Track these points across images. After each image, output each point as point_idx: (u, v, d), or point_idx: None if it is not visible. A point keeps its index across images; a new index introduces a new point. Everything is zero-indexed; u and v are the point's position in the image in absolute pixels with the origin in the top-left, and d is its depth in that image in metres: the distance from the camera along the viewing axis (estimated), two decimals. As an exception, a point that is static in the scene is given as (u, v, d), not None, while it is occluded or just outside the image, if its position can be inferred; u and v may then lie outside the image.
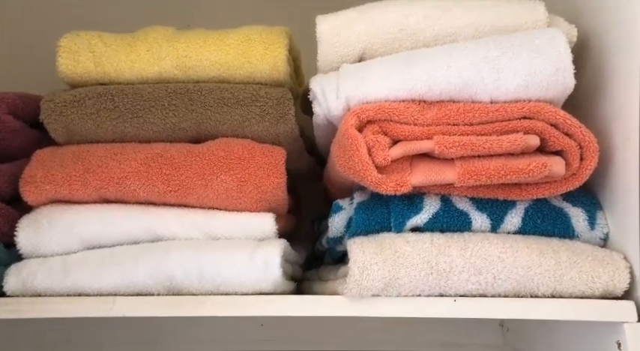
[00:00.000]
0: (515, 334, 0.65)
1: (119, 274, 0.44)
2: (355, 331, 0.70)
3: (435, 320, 0.69)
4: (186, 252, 0.45)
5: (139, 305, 0.43)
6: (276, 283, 0.45)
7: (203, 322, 0.71)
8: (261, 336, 0.70)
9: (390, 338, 0.69)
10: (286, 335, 0.70)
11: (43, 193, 0.46)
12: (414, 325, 0.69)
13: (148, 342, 0.70)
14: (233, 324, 0.71)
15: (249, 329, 0.71)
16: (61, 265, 0.44)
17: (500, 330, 0.68)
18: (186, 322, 0.71)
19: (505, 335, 0.67)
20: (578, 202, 0.45)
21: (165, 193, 0.47)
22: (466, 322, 0.69)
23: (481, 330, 0.69)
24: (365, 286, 0.42)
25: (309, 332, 0.70)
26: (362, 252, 0.43)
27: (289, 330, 0.70)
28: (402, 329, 0.69)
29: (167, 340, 0.71)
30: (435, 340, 0.69)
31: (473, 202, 0.45)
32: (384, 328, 0.70)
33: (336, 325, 0.70)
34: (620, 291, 0.41)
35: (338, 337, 0.70)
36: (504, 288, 0.42)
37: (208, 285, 0.45)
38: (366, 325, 0.70)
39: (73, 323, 0.69)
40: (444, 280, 0.42)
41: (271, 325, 0.71)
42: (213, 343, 0.71)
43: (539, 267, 0.42)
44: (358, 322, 0.70)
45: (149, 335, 0.70)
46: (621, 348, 0.40)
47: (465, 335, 0.69)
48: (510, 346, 0.66)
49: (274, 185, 0.48)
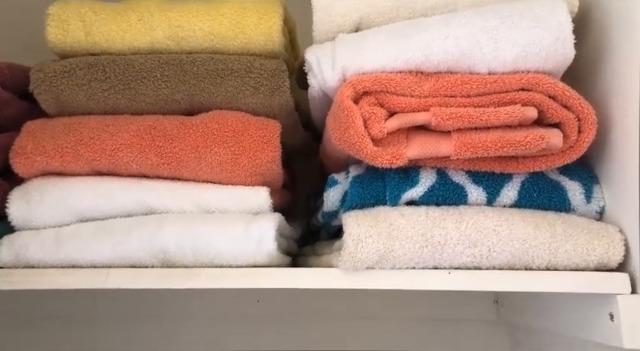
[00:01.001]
0: (509, 310, 0.65)
1: (112, 247, 0.44)
2: (349, 308, 0.70)
3: (429, 296, 0.69)
4: (180, 225, 0.45)
5: (132, 277, 0.43)
6: (271, 256, 0.45)
7: (199, 297, 0.71)
8: (257, 311, 0.71)
9: (384, 314, 0.70)
10: (282, 311, 0.71)
11: (34, 164, 0.45)
12: (408, 300, 0.70)
13: (143, 317, 0.71)
14: (228, 300, 0.71)
15: (244, 305, 0.71)
16: (53, 237, 0.44)
17: (494, 306, 0.69)
18: (182, 298, 0.71)
19: (499, 311, 0.68)
20: (574, 175, 0.45)
21: (158, 166, 0.47)
22: (460, 298, 0.69)
23: (475, 306, 0.69)
24: (359, 259, 0.42)
25: (304, 308, 0.71)
26: (357, 225, 0.43)
27: (284, 306, 0.71)
28: (396, 305, 0.70)
29: (162, 317, 0.71)
30: (429, 315, 0.69)
31: (469, 175, 0.45)
32: (378, 303, 0.70)
33: (330, 300, 0.70)
34: (615, 263, 0.41)
35: (332, 313, 0.70)
36: (499, 261, 0.42)
37: (202, 258, 0.45)
38: (360, 300, 0.70)
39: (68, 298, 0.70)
40: (439, 252, 0.42)
41: (267, 300, 0.71)
42: (208, 319, 0.71)
43: (535, 240, 0.41)
44: (352, 298, 0.70)
45: (143, 311, 0.70)
46: (614, 319, 0.40)
47: (459, 311, 0.69)
48: (504, 321, 0.67)
49: (269, 159, 0.48)
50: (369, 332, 0.70)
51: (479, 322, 0.69)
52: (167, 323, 0.71)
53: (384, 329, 0.70)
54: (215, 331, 0.71)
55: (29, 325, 0.70)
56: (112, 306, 0.70)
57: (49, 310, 0.70)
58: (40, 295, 0.69)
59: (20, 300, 0.70)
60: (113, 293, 0.70)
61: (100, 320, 0.71)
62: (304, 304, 0.71)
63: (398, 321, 0.70)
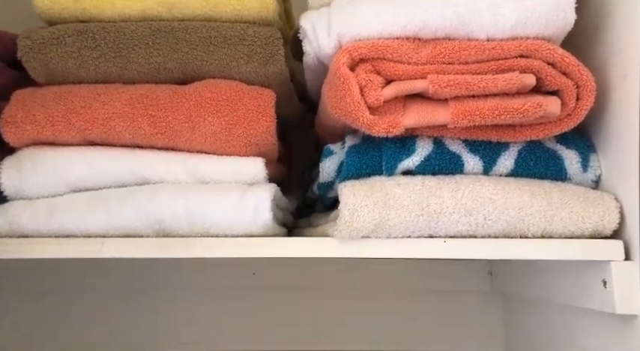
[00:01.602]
0: (503, 280, 0.66)
1: (106, 217, 0.44)
2: (344, 280, 0.71)
3: (423, 267, 0.70)
4: (175, 195, 0.45)
5: (127, 247, 0.43)
6: (267, 226, 0.45)
7: (195, 270, 0.71)
8: (253, 284, 0.71)
9: (379, 286, 0.71)
10: (277, 283, 0.71)
11: (25, 134, 0.44)
12: (403, 272, 0.70)
13: (138, 290, 0.71)
14: (224, 273, 0.71)
15: (240, 278, 0.71)
16: (46, 207, 0.44)
17: (488, 277, 0.69)
18: (178, 271, 0.71)
19: (493, 282, 0.69)
20: (571, 144, 0.45)
21: (152, 136, 0.46)
22: (455, 270, 0.70)
23: (469, 277, 0.70)
24: (355, 228, 0.42)
25: (300, 280, 0.71)
26: (353, 194, 0.43)
27: (280, 278, 0.71)
28: (391, 277, 0.70)
29: (158, 290, 0.71)
30: (424, 287, 0.70)
31: (466, 144, 0.45)
32: (373, 275, 0.70)
33: (326, 273, 0.71)
34: (609, 231, 0.41)
35: (327, 285, 0.71)
36: (494, 229, 0.42)
37: (197, 228, 0.45)
38: (355, 273, 0.71)
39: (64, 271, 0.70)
40: (435, 221, 0.42)
41: (263, 273, 0.71)
42: (204, 292, 0.72)
43: (531, 208, 0.41)
44: (347, 270, 0.71)
45: (139, 284, 0.71)
46: (606, 286, 0.40)
47: (453, 282, 0.70)
48: (498, 291, 0.68)
49: (264, 129, 0.47)
50: (364, 304, 0.71)
51: (473, 293, 0.70)
52: (163, 296, 0.71)
53: (379, 301, 0.71)
54: (211, 303, 0.71)
55: (24, 299, 0.71)
56: (107, 279, 0.70)
57: (43, 284, 0.70)
58: (35, 268, 0.70)
59: (16, 273, 0.70)
60: (108, 266, 0.70)
61: (94, 293, 0.71)
62: (300, 276, 0.71)
63: (393, 293, 0.71)
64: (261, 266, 0.72)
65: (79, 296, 0.71)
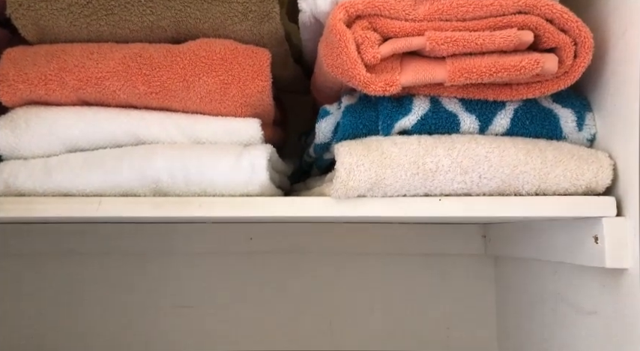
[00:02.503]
0: (496, 243, 0.67)
1: (103, 176, 0.44)
2: (339, 244, 0.72)
3: (418, 231, 0.71)
4: (171, 154, 0.45)
5: (125, 206, 0.43)
6: (263, 186, 0.45)
7: (191, 235, 0.72)
8: (250, 249, 0.72)
9: (373, 250, 0.72)
10: (274, 248, 0.72)
11: (18, 92, 0.44)
12: (397, 236, 0.71)
13: (133, 254, 0.72)
14: (221, 238, 0.72)
15: (237, 243, 0.72)
16: (42, 166, 0.44)
17: (482, 241, 0.71)
18: (175, 236, 0.72)
19: (487, 245, 0.70)
20: (567, 103, 0.45)
21: (146, 95, 0.46)
22: (449, 234, 0.71)
23: (463, 241, 0.71)
24: (351, 187, 0.43)
25: (296, 245, 0.72)
26: (349, 153, 0.43)
27: (276, 243, 0.72)
28: (386, 241, 0.71)
29: (155, 255, 0.72)
30: (418, 250, 0.71)
31: (462, 103, 0.45)
32: (368, 239, 0.71)
33: (321, 237, 0.72)
34: (602, 188, 0.42)
35: (322, 250, 0.72)
36: (489, 187, 0.43)
37: (194, 188, 0.45)
38: (350, 237, 0.71)
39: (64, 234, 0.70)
40: (430, 179, 0.42)
41: (259, 238, 0.72)
42: (201, 256, 0.72)
43: (525, 165, 0.42)
44: (342, 235, 0.71)
45: (134, 248, 0.71)
46: (598, 242, 0.41)
47: (447, 246, 0.71)
48: (492, 254, 0.69)
49: (259, 89, 0.47)
50: (359, 268, 0.72)
51: (467, 256, 0.71)
52: (159, 260, 0.72)
53: (374, 265, 0.72)
54: (208, 268, 0.72)
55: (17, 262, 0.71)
56: (102, 243, 0.71)
57: (37, 247, 0.71)
58: (29, 231, 0.70)
59: (9, 236, 0.70)
60: (103, 230, 0.71)
61: (88, 257, 0.72)
62: (295, 241, 0.72)
63: (388, 257, 0.72)
64: (257, 231, 0.72)
65: (72, 260, 0.71)
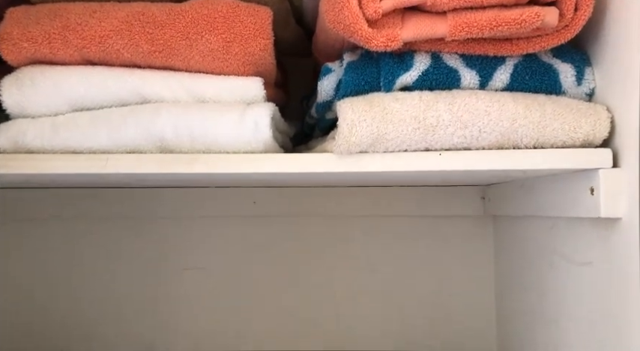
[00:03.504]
0: (495, 204, 0.68)
1: (109, 134, 0.44)
2: (340, 207, 0.73)
3: (418, 193, 0.72)
4: (176, 112, 0.45)
5: (132, 163, 0.44)
6: (267, 143, 0.46)
7: (197, 199, 0.73)
8: (253, 212, 0.73)
9: (374, 212, 0.73)
10: (277, 212, 0.73)
11: (22, 51, 0.44)
12: (398, 197, 0.72)
13: (139, 218, 0.73)
14: (226, 201, 0.73)
15: (241, 206, 0.73)
16: (50, 124, 0.44)
17: (481, 202, 0.72)
18: (179, 199, 0.73)
19: (486, 206, 0.71)
20: (567, 57, 0.45)
21: (150, 54, 0.46)
22: (449, 195, 0.72)
23: (463, 203, 0.72)
24: (353, 143, 0.43)
25: (299, 208, 0.73)
26: (351, 110, 0.44)
27: (280, 207, 0.73)
28: (387, 203, 0.73)
29: (159, 218, 0.73)
30: (418, 212, 0.72)
31: (463, 59, 0.45)
32: (368, 201, 0.73)
33: (323, 200, 0.73)
34: (599, 140, 0.43)
35: (324, 212, 0.73)
36: (489, 141, 0.43)
37: (199, 145, 0.45)
38: (352, 200, 0.73)
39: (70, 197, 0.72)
40: (431, 134, 0.43)
41: (263, 201, 0.73)
42: (206, 219, 0.74)
43: (525, 119, 0.42)
44: (343, 197, 0.72)
45: (140, 212, 0.73)
46: (593, 193, 0.42)
47: (447, 208, 0.72)
48: (490, 214, 0.70)
49: (261, 47, 0.47)
50: (360, 230, 0.73)
51: (466, 217, 0.72)
52: (165, 224, 0.74)
53: (375, 227, 0.74)
54: (213, 231, 0.74)
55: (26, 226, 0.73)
56: (110, 207, 0.72)
57: (45, 212, 0.72)
58: (36, 195, 0.71)
59: (18, 200, 0.71)
60: (111, 194, 0.72)
61: (96, 221, 0.73)
62: (297, 205, 0.73)
63: (389, 218, 0.73)
64: (261, 195, 0.73)
65: (81, 224, 0.73)
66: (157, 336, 0.72)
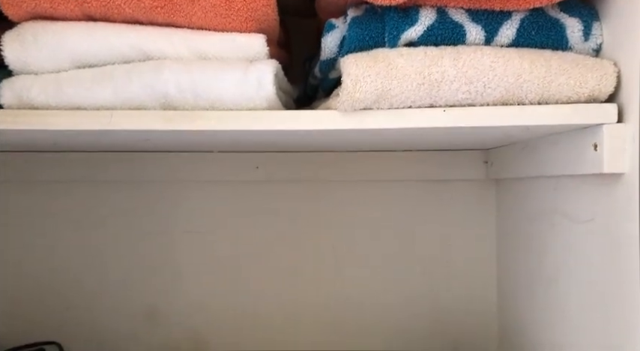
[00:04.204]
0: (498, 167, 0.68)
1: (113, 91, 0.44)
2: (343, 172, 0.73)
3: (421, 157, 0.72)
4: (179, 69, 0.45)
5: (137, 119, 0.44)
6: (270, 100, 0.46)
7: (199, 163, 0.74)
8: (256, 178, 0.74)
9: (377, 176, 0.73)
10: (279, 177, 0.74)
11: (23, 6, 0.44)
12: (400, 162, 0.72)
13: (142, 182, 0.74)
14: (228, 166, 0.74)
15: (244, 171, 0.74)
16: (53, 80, 0.44)
17: (484, 166, 0.72)
18: (182, 164, 0.73)
19: (489, 170, 0.71)
20: (575, 12, 0.44)
21: (152, 9, 0.45)
22: (452, 160, 0.72)
23: (466, 167, 0.72)
24: (357, 99, 0.43)
25: (301, 173, 0.74)
26: (355, 65, 0.43)
27: (282, 172, 0.74)
28: (389, 167, 0.73)
29: (162, 182, 0.74)
30: (421, 177, 0.73)
31: (468, 14, 0.44)
32: (372, 167, 0.73)
33: (325, 166, 0.73)
34: (605, 95, 0.42)
35: (327, 178, 0.73)
36: (493, 97, 0.43)
37: (202, 102, 0.45)
38: (355, 165, 0.73)
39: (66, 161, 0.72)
40: (435, 89, 0.43)
41: (265, 167, 0.74)
42: (208, 184, 0.74)
43: (530, 74, 0.42)
44: (346, 163, 0.73)
45: (143, 176, 0.73)
46: (597, 149, 0.42)
47: (450, 172, 0.72)
48: (493, 178, 0.71)
49: (264, 2, 0.46)
50: (362, 195, 0.74)
51: (468, 181, 0.73)
52: (168, 188, 0.74)
53: (377, 191, 0.74)
54: (215, 196, 0.74)
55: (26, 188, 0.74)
56: (112, 171, 0.73)
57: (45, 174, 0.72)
58: (37, 158, 0.72)
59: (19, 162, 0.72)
60: (114, 157, 0.72)
61: (98, 184, 0.74)
62: (299, 170, 0.73)
63: (391, 183, 0.74)
64: (263, 160, 0.74)
65: (82, 188, 0.74)
66: (159, 299, 0.73)
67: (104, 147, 0.66)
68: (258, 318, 0.73)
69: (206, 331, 0.73)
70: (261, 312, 0.73)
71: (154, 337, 0.72)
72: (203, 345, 0.73)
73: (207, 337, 0.73)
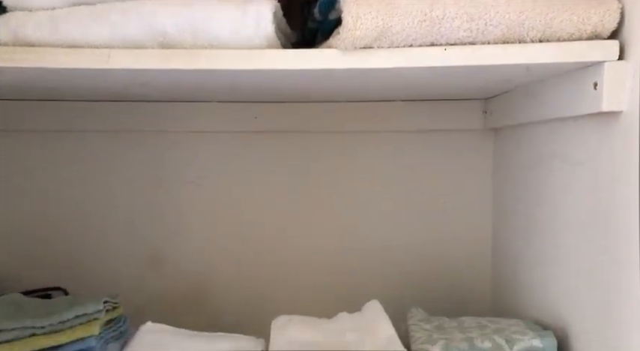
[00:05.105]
0: (496, 116, 0.68)
1: (111, 29, 0.44)
2: (343, 122, 0.73)
3: (420, 107, 0.72)
4: (177, 7, 0.44)
5: (134, 58, 0.44)
6: (269, 38, 0.45)
7: (199, 114, 0.73)
8: (255, 128, 0.74)
9: (376, 126, 0.73)
10: (278, 127, 0.74)
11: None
12: (399, 112, 0.72)
13: (142, 132, 0.74)
14: (227, 117, 0.73)
15: (242, 122, 0.74)
16: (49, 17, 0.44)
17: (482, 116, 0.72)
18: (181, 114, 0.73)
19: (487, 119, 0.71)
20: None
21: (147, -56, 0.44)
22: (450, 110, 0.72)
23: (464, 117, 0.72)
24: (358, 36, 0.43)
25: (300, 124, 0.74)
26: (356, 3, 0.43)
27: (281, 122, 0.74)
28: (387, 117, 0.73)
29: (162, 132, 0.74)
30: (420, 127, 0.73)
31: (472, -52, 0.43)
32: (370, 116, 0.73)
33: (325, 117, 0.73)
34: (608, 32, 0.42)
35: (327, 128, 0.73)
36: (494, 35, 0.43)
37: (201, 41, 0.45)
38: (354, 115, 0.73)
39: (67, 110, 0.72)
40: (437, 27, 0.43)
41: (264, 117, 0.74)
42: (208, 134, 0.74)
43: (532, 11, 0.42)
44: (347, 114, 0.73)
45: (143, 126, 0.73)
46: (597, 87, 0.42)
47: (448, 122, 0.72)
48: (491, 127, 0.71)
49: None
50: (361, 145, 0.74)
51: (467, 131, 0.73)
52: (168, 138, 0.74)
53: (376, 142, 0.74)
54: (214, 146, 0.75)
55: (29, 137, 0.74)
56: (112, 121, 0.73)
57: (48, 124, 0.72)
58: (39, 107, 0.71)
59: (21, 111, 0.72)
60: (112, 109, 0.72)
61: (103, 136, 0.74)
62: (298, 120, 0.73)
63: (389, 133, 0.74)
64: (262, 110, 0.73)
65: (83, 137, 0.74)
66: (162, 246, 0.75)
67: (104, 94, 0.65)
68: (258, 264, 0.75)
69: (208, 277, 0.74)
70: (261, 259, 0.75)
71: (157, 283, 0.74)
72: (206, 290, 0.74)
73: (210, 282, 0.74)
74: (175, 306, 0.74)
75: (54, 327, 0.48)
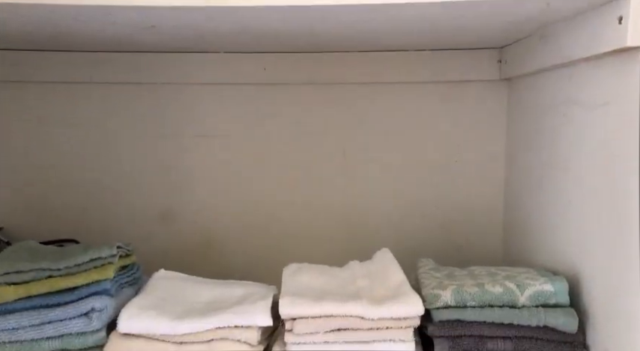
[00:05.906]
0: (512, 64, 0.67)
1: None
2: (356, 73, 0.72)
3: (433, 57, 0.70)
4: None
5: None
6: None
7: (209, 65, 0.72)
8: (264, 80, 0.73)
9: (389, 77, 0.72)
10: (288, 79, 0.72)
11: None
12: (412, 63, 0.71)
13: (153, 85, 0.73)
14: (235, 68, 0.72)
15: (252, 73, 0.72)
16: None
17: (497, 65, 0.70)
18: (194, 66, 0.72)
19: (502, 69, 0.70)
20: None
21: None
22: (465, 60, 0.70)
23: (479, 67, 0.70)
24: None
25: (311, 75, 0.72)
26: None
27: (290, 74, 0.72)
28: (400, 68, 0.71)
29: (173, 84, 0.73)
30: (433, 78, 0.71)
31: None
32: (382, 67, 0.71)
33: (337, 68, 0.72)
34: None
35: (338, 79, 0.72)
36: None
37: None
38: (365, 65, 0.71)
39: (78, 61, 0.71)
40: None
41: (273, 69, 0.72)
42: (215, 87, 0.73)
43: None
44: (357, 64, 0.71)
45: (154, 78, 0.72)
46: (621, 22, 0.41)
47: (463, 73, 0.71)
48: (506, 77, 0.69)
49: None
50: (373, 97, 0.73)
51: (481, 82, 0.71)
52: (179, 91, 0.73)
53: (388, 93, 0.73)
54: (224, 98, 0.74)
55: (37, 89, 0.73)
56: (119, 74, 0.72)
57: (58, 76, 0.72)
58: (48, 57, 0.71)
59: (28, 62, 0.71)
60: (122, 60, 0.71)
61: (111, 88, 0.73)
62: (308, 71, 0.72)
63: (402, 85, 0.72)
64: (271, 61, 0.72)
65: (96, 88, 0.73)
66: (172, 200, 0.75)
67: (110, 43, 0.64)
68: (268, 217, 0.75)
69: (218, 230, 0.75)
70: (271, 211, 0.75)
71: (168, 236, 0.75)
72: (215, 243, 0.75)
73: (219, 235, 0.75)
74: (186, 259, 0.74)
75: (70, 270, 0.49)
